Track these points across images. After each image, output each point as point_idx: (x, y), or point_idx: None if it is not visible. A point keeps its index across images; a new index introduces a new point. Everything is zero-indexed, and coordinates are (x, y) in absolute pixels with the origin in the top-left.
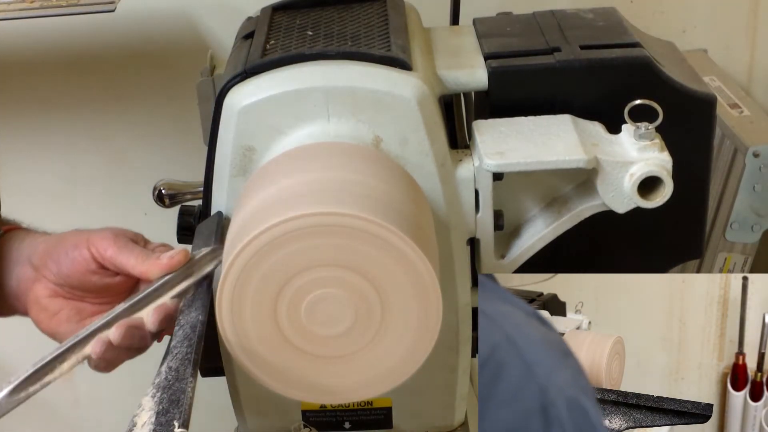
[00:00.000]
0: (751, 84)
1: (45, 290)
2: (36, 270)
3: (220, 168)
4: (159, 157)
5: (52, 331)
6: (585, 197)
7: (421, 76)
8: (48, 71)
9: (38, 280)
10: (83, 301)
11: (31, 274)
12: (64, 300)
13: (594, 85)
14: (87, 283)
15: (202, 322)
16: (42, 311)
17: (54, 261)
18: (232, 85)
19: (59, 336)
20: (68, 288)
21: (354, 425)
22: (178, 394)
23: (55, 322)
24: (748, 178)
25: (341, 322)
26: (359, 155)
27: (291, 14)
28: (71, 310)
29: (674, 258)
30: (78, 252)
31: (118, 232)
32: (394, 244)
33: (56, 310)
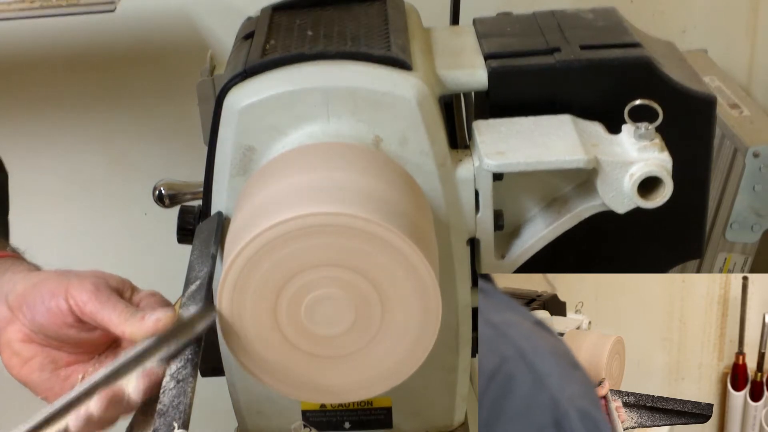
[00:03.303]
0: (751, 84)
1: (18, 334)
2: (11, 311)
3: (220, 168)
4: (159, 157)
5: (24, 378)
6: (585, 197)
7: (421, 76)
8: (48, 71)
9: (12, 323)
10: (59, 350)
11: (5, 314)
12: (38, 346)
13: (594, 85)
14: (63, 335)
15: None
16: (14, 356)
17: (29, 307)
18: (232, 85)
19: (31, 384)
20: (43, 336)
21: (354, 425)
22: (178, 395)
23: (27, 369)
24: (748, 178)
25: (341, 322)
26: (359, 155)
27: (291, 14)
28: (45, 358)
29: (674, 258)
30: (55, 302)
31: (100, 283)
32: (394, 245)
33: (29, 356)
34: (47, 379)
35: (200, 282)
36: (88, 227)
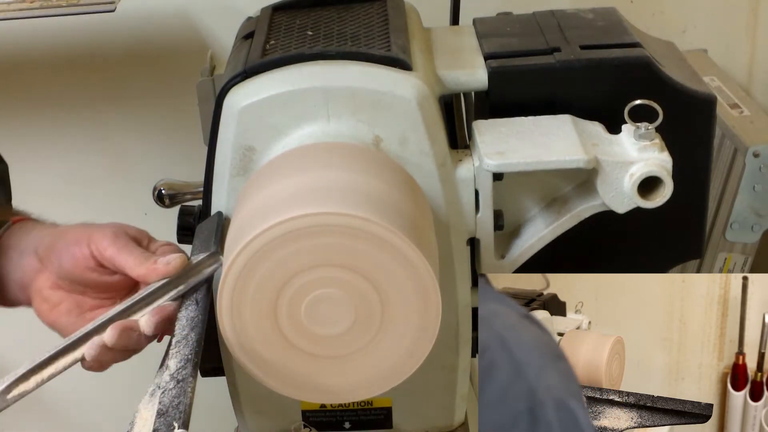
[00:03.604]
0: (751, 84)
1: (47, 282)
2: (40, 261)
3: (220, 168)
4: (159, 157)
5: (52, 323)
6: (585, 197)
7: (421, 76)
8: (48, 71)
9: (41, 272)
10: (84, 295)
11: (35, 265)
12: (65, 293)
13: (594, 85)
14: (86, 279)
15: (202, 322)
16: (44, 302)
17: (56, 255)
18: (232, 85)
19: (59, 327)
20: (69, 282)
21: (354, 425)
22: (178, 395)
23: (56, 313)
24: (748, 178)
25: (341, 322)
26: (359, 155)
27: (291, 14)
28: (71, 303)
29: (674, 258)
30: (78, 248)
31: (119, 231)
32: (394, 245)
33: (57, 302)
34: (73, 322)
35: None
36: None
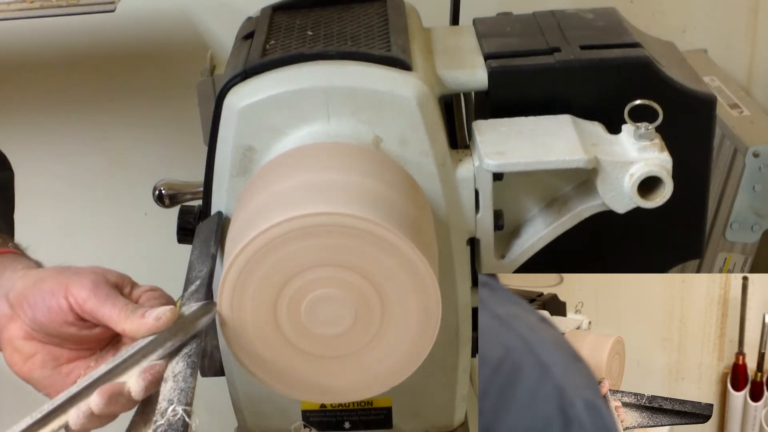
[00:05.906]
0: (751, 84)
1: (20, 331)
2: (12, 309)
3: (220, 168)
4: (159, 157)
5: (26, 375)
6: (585, 197)
7: (421, 76)
8: (48, 71)
9: (13, 320)
10: (60, 347)
11: (6, 312)
12: (39, 344)
13: (594, 85)
14: (63, 333)
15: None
16: (16, 353)
17: (30, 305)
18: (232, 85)
19: (33, 381)
20: (44, 334)
21: (354, 425)
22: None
23: (29, 366)
24: (748, 178)
25: (341, 322)
26: (359, 155)
27: (291, 14)
28: (47, 355)
29: (674, 258)
30: (54, 300)
31: (99, 279)
32: (394, 245)
33: (31, 353)
34: (49, 375)
35: (200, 281)
36: (88, 227)
